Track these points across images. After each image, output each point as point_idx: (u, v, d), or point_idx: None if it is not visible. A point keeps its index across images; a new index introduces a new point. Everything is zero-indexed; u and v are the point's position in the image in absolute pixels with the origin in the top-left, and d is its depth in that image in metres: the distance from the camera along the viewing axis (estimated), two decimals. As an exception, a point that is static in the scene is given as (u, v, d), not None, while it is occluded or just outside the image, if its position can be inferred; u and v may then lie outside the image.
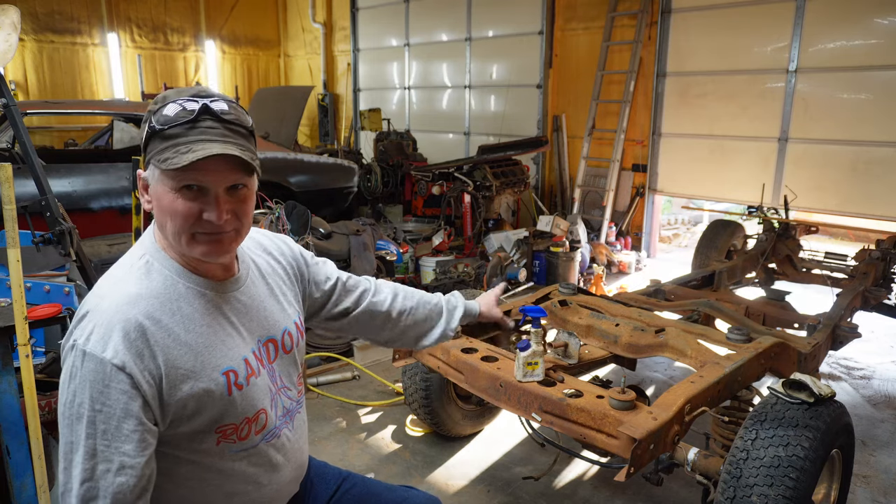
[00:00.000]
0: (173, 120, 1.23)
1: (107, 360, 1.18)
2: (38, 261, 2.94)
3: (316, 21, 12.42)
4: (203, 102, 1.25)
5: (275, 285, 1.54)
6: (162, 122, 1.23)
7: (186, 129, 1.23)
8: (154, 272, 1.31)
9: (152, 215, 1.34)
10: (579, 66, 8.39)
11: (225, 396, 1.31)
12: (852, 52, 6.15)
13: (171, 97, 1.27)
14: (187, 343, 1.28)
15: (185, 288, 1.32)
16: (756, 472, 2.00)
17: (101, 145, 7.44)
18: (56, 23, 10.65)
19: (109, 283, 1.30)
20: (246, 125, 1.31)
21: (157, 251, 1.33)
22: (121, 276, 1.31)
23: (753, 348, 2.67)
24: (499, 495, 3.05)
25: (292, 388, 1.54)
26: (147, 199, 1.31)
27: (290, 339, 1.52)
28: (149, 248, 1.35)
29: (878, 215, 6.35)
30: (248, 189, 1.32)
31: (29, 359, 2.23)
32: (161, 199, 1.26)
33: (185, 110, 1.23)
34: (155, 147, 1.24)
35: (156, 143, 1.24)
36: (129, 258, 1.35)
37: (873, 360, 4.78)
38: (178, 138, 1.22)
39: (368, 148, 10.00)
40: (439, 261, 6.17)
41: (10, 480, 2.36)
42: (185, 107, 1.24)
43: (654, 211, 8.03)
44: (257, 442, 1.40)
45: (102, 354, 1.18)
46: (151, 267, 1.31)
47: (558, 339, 2.96)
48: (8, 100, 2.84)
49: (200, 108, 1.24)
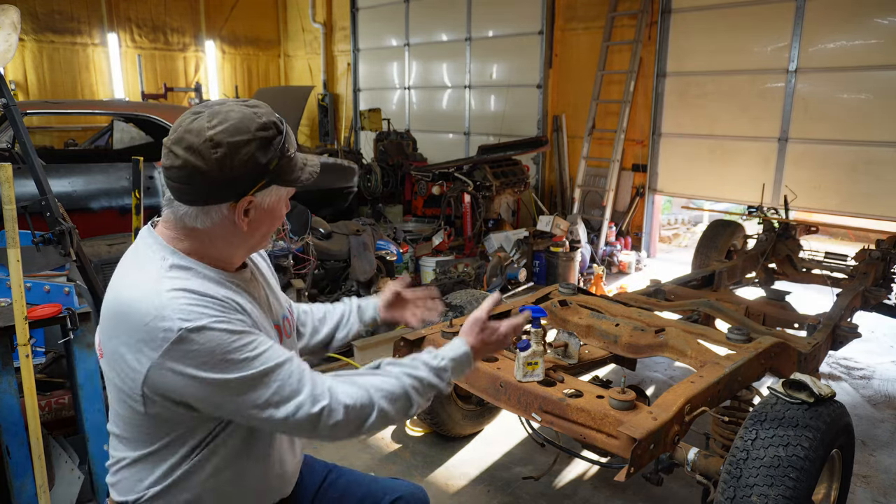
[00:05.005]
0: (292, 141, 1.36)
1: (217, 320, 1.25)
2: (38, 261, 2.93)
3: (316, 21, 12.42)
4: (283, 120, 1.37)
5: (269, 278, 1.62)
6: (289, 144, 1.34)
7: (293, 148, 1.37)
8: (186, 269, 1.33)
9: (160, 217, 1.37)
10: (579, 66, 8.39)
11: None
12: (852, 52, 6.15)
13: (277, 120, 1.32)
14: (248, 311, 1.37)
15: (219, 277, 1.37)
16: (756, 472, 2.00)
17: (101, 145, 7.46)
18: (56, 23, 10.65)
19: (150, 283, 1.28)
20: None
21: (175, 252, 1.34)
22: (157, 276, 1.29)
23: (753, 348, 2.67)
24: (499, 495, 3.05)
25: None
26: (247, 220, 1.34)
27: (288, 325, 1.60)
28: (165, 250, 1.34)
29: (878, 215, 6.35)
30: None
31: (29, 359, 2.23)
32: (276, 209, 1.38)
33: (289, 131, 1.36)
34: (286, 168, 1.33)
35: (285, 164, 1.33)
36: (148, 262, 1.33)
37: (873, 360, 4.78)
38: (296, 156, 1.37)
39: (368, 148, 10.00)
40: (439, 261, 6.17)
41: (10, 480, 2.36)
42: (287, 127, 1.35)
43: (654, 211, 8.03)
44: None
45: (210, 319, 1.25)
46: (181, 265, 1.33)
47: (558, 339, 2.96)
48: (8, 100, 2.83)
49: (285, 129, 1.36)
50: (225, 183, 1.27)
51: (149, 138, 6.13)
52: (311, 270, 4.72)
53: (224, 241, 1.36)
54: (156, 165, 4.93)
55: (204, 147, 1.24)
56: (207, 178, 1.25)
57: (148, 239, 1.37)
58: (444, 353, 1.51)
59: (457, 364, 1.51)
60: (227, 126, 1.25)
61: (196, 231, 1.33)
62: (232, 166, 1.25)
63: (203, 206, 1.30)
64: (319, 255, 4.84)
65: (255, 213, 1.34)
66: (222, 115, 1.27)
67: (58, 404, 2.82)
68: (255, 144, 1.27)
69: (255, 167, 1.28)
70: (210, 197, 1.29)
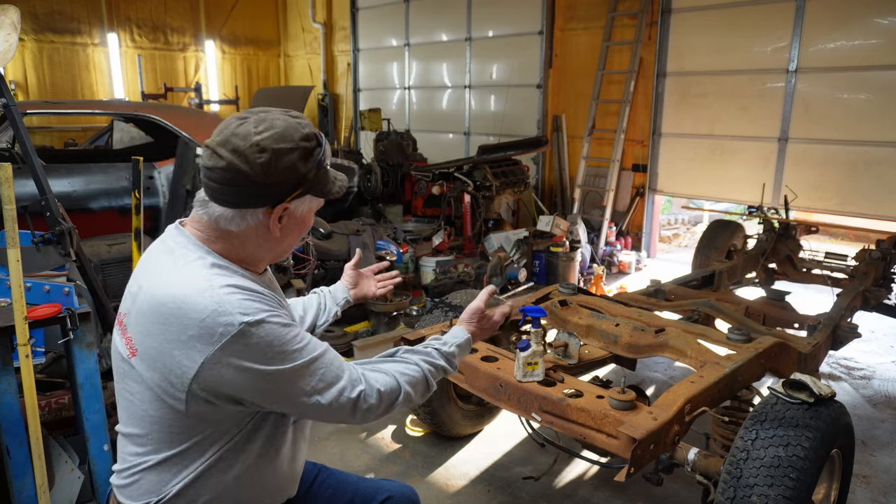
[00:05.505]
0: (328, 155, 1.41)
1: (273, 314, 1.31)
2: (38, 261, 2.93)
3: (316, 21, 12.42)
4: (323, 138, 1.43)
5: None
6: (326, 157, 1.39)
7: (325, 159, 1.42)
8: (224, 268, 1.36)
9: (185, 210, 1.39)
10: (579, 66, 8.39)
11: None
12: (852, 52, 6.15)
13: (316, 133, 1.37)
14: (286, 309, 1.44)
15: (251, 277, 1.40)
16: (756, 472, 2.00)
17: (101, 145, 7.45)
18: (56, 23, 10.65)
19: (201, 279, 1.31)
20: None
21: (211, 252, 1.37)
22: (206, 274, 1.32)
23: (753, 348, 2.67)
24: (499, 495, 3.05)
25: None
26: (280, 227, 1.38)
27: None
28: (201, 249, 1.37)
29: (878, 215, 6.35)
30: None
31: (29, 359, 2.24)
32: (306, 219, 1.43)
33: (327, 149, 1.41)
34: (320, 179, 1.38)
35: (321, 175, 1.37)
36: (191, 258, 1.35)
37: (873, 360, 4.78)
38: (329, 168, 1.41)
39: (368, 148, 10.00)
40: (439, 261, 6.17)
41: (10, 480, 2.36)
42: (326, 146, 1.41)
43: (654, 211, 8.03)
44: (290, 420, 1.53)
45: (265, 313, 1.30)
46: (221, 264, 1.36)
47: (558, 339, 2.96)
48: (8, 100, 2.84)
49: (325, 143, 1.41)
50: (265, 187, 1.31)
51: (149, 138, 6.13)
52: (311, 270, 4.72)
53: (255, 245, 1.39)
54: (156, 165, 4.93)
55: (250, 151, 1.27)
56: (250, 181, 1.28)
57: (180, 238, 1.39)
58: (450, 339, 1.67)
59: (461, 350, 1.68)
60: (273, 133, 1.29)
61: (229, 234, 1.36)
62: (275, 172, 1.29)
63: (240, 210, 1.33)
64: (319, 255, 4.84)
65: (288, 221, 1.39)
66: (268, 123, 1.31)
67: (58, 404, 2.82)
68: (298, 153, 1.31)
69: (294, 175, 1.32)
70: (249, 200, 1.32)
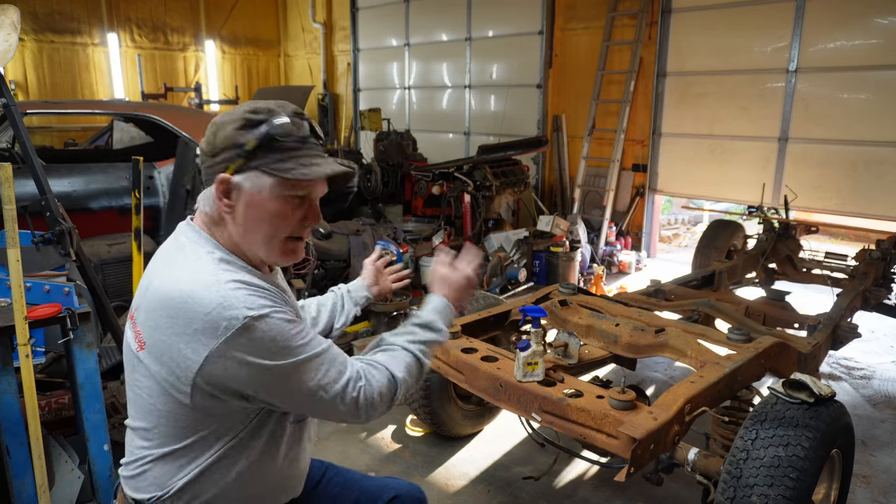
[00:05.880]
0: (290, 133, 1.34)
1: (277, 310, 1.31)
2: (38, 261, 2.93)
3: (316, 21, 12.42)
4: (308, 121, 1.39)
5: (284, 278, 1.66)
6: (279, 133, 1.33)
7: (300, 144, 1.36)
8: (230, 262, 1.37)
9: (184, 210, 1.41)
10: (579, 66, 8.39)
11: None
12: (852, 52, 6.15)
13: (276, 111, 1.35)
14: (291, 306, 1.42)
15: (259, 278, 1.39)
16: (756, 472, 2.00)
17: (101, 145, 7.45)
18: (56, 23, 10.65)
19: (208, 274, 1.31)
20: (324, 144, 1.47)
21: (219, 247, 1.38)
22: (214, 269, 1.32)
23: (753, 348, 2.67)
24: (499, 495, 3.05)
25: None
26: (228, 202, 1.35)
27: None
28: (210, 244, 1.38)
29: (878, 215, 6.35)
30: None
31: (29, 359, 2.24)
32: (266, 204, 1.35)
33: (298, 129, 1.36)
34: (271, 156, 1.33)
35: (272, 152, 1.33)
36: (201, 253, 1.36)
37: (873, 360, 4.78)
38: (296, 152, 1.35)
39: (368, 148, 10.00)
40: (439, 261, 6.16)
41: (10, 480, 2.36)
42: (297, 123, 1.36)
43: (654, 211, 8.03)
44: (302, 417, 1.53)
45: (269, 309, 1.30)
46: (229, 259, 1.37)
47: (558, 339, 2.96)
48: (8, 100, 2.83)
49: (309, 127, 1.38)
50: (211, 160, 1.35)
51: (149, 138, 6.12)
52: (311, 270, 4.72)
53: (231, 231, 1.38)
54: (156, 165, 4.93)
55: (208, 128, 1.38)
56: (203, 155, 1.36)
57: (190, 233, 1.40)
58: (428, 311, 1.62)
59: (442, 315, 1.63)
60: (233, 110, 1.36)
61: (209, 217, 1.39)
62: (216, 143, 1.35)
63: (207, 189, 1.39)
64: (319, 255, 4.84)
65: (240, 201, 1.35)
66: (245, 105, 1.39)
67: (58, 404, 2.82)
68: (238, 124, 1.33)
69: (232, 145, 1.33)
70: (206, 177, 1.38)
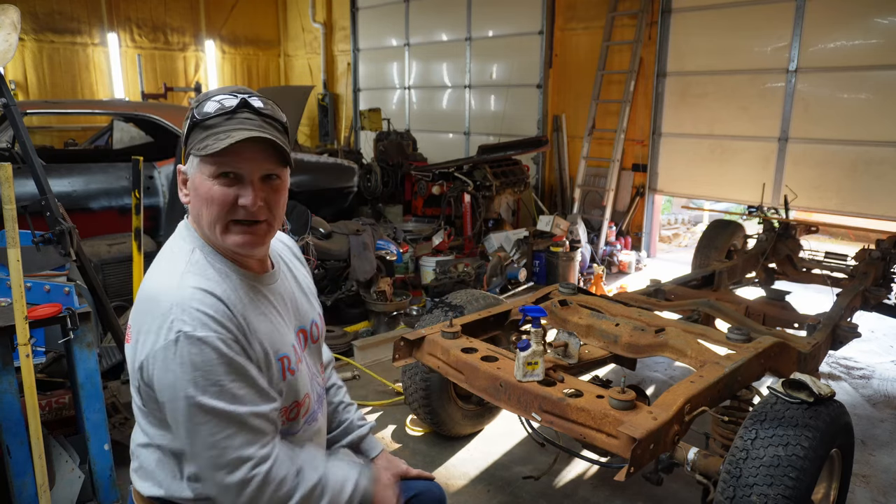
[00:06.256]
0: (215, 112, 1.29)
1: (219, 337, 1.24)
2: (38, 261, 2.93)
3: (316, 21, 12.42)
4: (242, 97, 1.32)
5: (301, 281, 1.62)
6: (201, 112, 1.30)
7: (224, 120, 1.29)
8: (210, 266, 1.35)
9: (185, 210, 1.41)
10: (579, 66, 8.39)
11: (281, 381, 1.39)
12: (852, 52, 6.15)
13: (212, 94, 1.33)
14: (256, 329, 1.34)
15: (239, 279, 1.37)
16: (756, 472, 2.00)
17: (101, 145, 7.45)
18: (56, 23, 10.65)
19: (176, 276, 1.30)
20: (281, 120, 1.37)
21: (204, 245, 1.37)
22: (183, 270, 1.32)
23: (753, 348, 2.67)
24: (499, 495, 3.05)
25: (319, 376, 1.64)
26: (185, 192, 1.37)
27: (316, 330, 1.62)
28: (196, 242, 1.38)
29: (878, 215, 6.35)
30: (281, 181, 1.37)
31: (29, 359, 2.24)
32: (199, 187, 1.31)
33: (224, 105, 1.30)
34: (195, 138, 1.30)
35: (196, 133, 1.30)
36: (180, 253, 1.36)
37: (873, 359, 4.78)
38: (217, 127, 1.28)
39: (368, 148, 10.00)
40: (439, 261, 6.17)
41: (10, 480, 2.37)
42: (224, 102, 1.30)
43: (654, 211, 8.03)
44: (301, 424, 1.49)
45: (212, 333, 1.23)
46: (206, 261, 1.35)
47: (558, 339, 2.96)
48: (8, 100, 2.83)
49: (239, 101, 1.31)
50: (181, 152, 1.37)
51: (149, 138, 6.12)
52: (312, 270, 4.72)
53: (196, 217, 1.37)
54: (156, 165, 4.93)
55: None
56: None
57: (183, 231, 1.42)
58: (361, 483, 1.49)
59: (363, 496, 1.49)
60: None
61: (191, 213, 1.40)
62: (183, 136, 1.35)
63: None
64: (319, 254, 4.84)
65: (190, 186, 1.35)
66: None
67: (58, 404, 2.82)
68: (190, 109, 1.34)
69: (186, 129, 1.34)
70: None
